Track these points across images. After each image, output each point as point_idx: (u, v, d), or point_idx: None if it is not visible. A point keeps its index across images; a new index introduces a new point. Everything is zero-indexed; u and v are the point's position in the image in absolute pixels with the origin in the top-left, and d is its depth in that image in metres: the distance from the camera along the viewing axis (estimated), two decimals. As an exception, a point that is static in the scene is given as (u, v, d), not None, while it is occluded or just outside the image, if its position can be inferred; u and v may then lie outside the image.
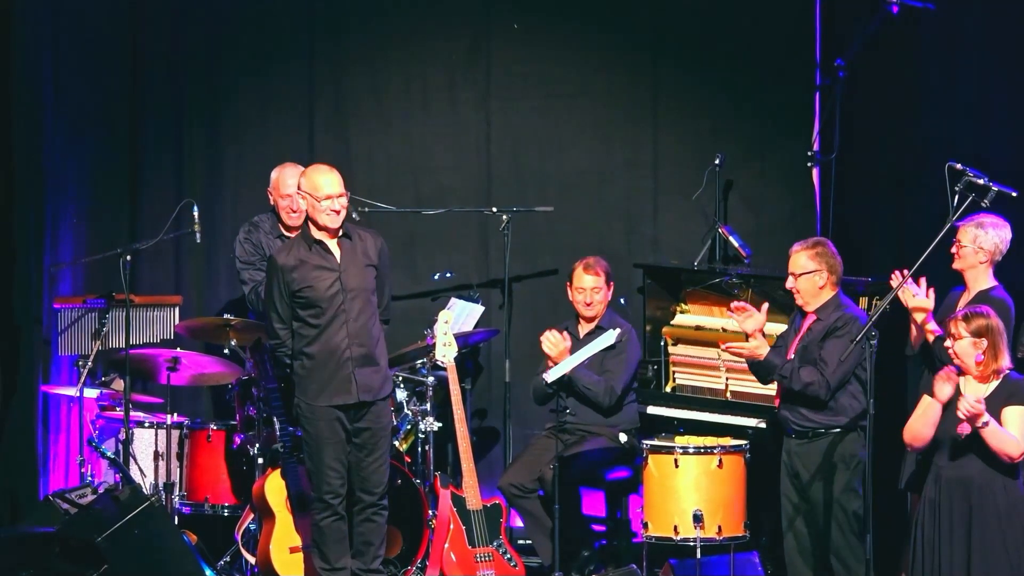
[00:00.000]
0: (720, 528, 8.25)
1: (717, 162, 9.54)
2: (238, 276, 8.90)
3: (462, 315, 9.45)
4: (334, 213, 7.70)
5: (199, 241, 8.80)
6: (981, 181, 7.23)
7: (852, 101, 9.27)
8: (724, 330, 9.14)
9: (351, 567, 7.85)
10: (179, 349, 8.86)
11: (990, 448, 6.77)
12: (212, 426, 8.98)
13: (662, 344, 9.36)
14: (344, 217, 7.78)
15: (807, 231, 9.56)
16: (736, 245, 9.49)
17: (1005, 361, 6.91)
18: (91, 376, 9.00)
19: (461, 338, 8.88)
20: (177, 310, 9.39)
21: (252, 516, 8.49)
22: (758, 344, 7.72)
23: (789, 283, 7.80)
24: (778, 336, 7.98)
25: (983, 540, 6.83)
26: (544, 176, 10.01)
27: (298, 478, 8.15)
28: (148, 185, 9.95)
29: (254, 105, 10.03)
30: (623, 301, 9.41)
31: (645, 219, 9.96)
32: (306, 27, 10.03)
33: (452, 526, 8.46)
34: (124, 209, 9.92)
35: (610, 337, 8.57)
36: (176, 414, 8.99)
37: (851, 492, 7.57)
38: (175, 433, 8.94)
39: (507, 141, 10.03)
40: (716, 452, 8.31)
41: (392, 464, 8.05)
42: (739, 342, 7.80)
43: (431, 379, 8.93)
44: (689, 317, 9.42)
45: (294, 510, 8.18)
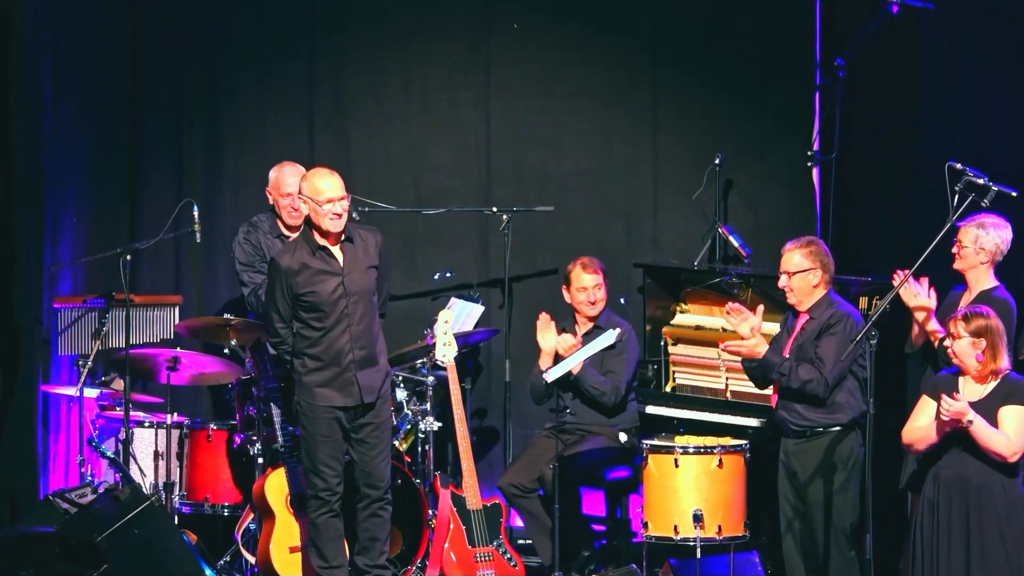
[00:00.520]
0: (720, 528, 8.25)
1: (717, 162, 9.54)
2: (237, 278, 8.89)
3: (462, 315, 9.45)
4: (336, 217, 7.71)
5: (199, 241, 8.80)
6: (981, 181, 7.23)
7: (852, 101, 9.27)
8: (724, 330, 9.13)
9: (358, 563, 7.86)
10: (179, 349, 8.86)
11: (981, 448, 6.78)
12: (212, 426, 8.98)
13: (662, 344, 9.36)
14: (346, 220, 7.79)
15: (807, 231, 9.55)
16: (736, 245, 9.49)
17: (1004, 362, 6.91)
18: (91, 376, 9.00)
19: (461, 338, 8.88)
20: (177, 310, 9.39)
21: (252, 516, 8.49)
22: (756, 342, 7.73)
23: (782, 281, 7.81)
24: (772, 338, 7.97)
25: (982, 540, 6.83)
26: (544, 176, 10.01)
27: (299, 478, 8.15)
28: (148, 185, 9.95)
29: (254, 105, 10.03)
30: (623, 301, 9.41)
31: (645, 219, 9.96)
32: (306, 27, 10.03)
33: (452, 526, 8.46)
34: (124, 209, 9.92)
35: (610, 337, 8.57)
36: (176, 414, 8.98)
37: (846, 493, 7.56)
38: (175, 433, 8.94)
39: (507, 141, 10.03)
40: (716, 452, 8.31)
41: (392, 464, 8.05)
42: (737, 340, 7.81)
43: (431, 379, 8.93)
44: (689, 317, 9.42)
45: (295, 510, 8.18)
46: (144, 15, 9.91)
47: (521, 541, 9.12)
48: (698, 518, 8.21)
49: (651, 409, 9.11)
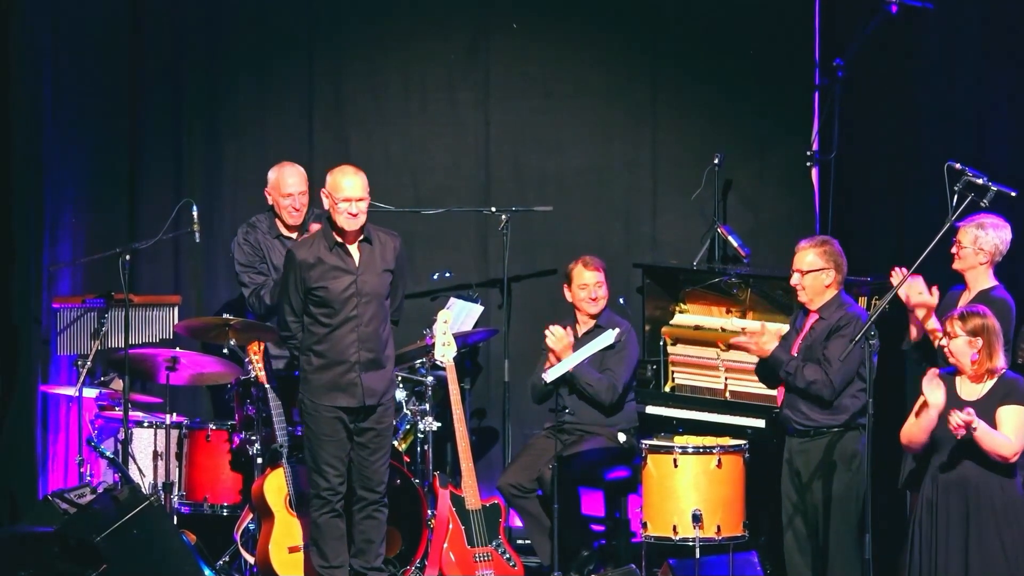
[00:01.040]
0: (719, 528, 8.25)
1: (716, 162, 9.54)
2: (237, 279, 8.89)
3: (461, 315, 9.45)
4: (351, 216, 7.73)
5: (198, 241, 8.80)
6: (980, 181, 7.23)
7: (851, 101, 9.27)
8: (723, 330, 9.14)
9: (353, 566, 7.86)
10: (178, 349, 8.86)
11: (984, 450, 6.78)
12: (211, 426, 8.97)
13: (661, 344, 9.36)
14: (364, 221, 7.80)
15: (806, 231, 9.56)
16: (735, 245, 9.49)
17: (1000, 361, 6.91)
18: (90, 376, 9.00)
19: (460, 338, 8.89)
20: (176, 310, 9.39)
21: (251, 516, 8.49)
22: (766, 339, 7.71)
23: (794, 279, 7.77)
24: (781, 337, 7.96)
25: (980, 540, 6.83)
26: (543, 176, 10.01)
27: (298, 478, 8.15)
28: (147, 185, 9.94)
29: (253, 104, 10.03)
30: (622, 301, 9.41)
31: (644, 219, 9.96)
32: (305, 27, 10.03)
33: (451, 526, 8.45)
34: (123, 209, 9.92)
35: (610, 336, 8.57)
36: (175, 414, 8.98)
37: (851, 493, 7.55)
38: (174, 433, 8.94)
39: (506, 140, 10.03)
40: (715, 452, 8.31)
41: (391, 464, 8.05)
42: (744, 337, 7.77)
43: (430, 379, 8.93)
44: (688, 317, 9.42)
45: (294, 510, 8.18)
46: (143, 15, 9.91)
47: (520, 541, 9.12)
48: (697, 518, 8.21)
49: (650, 409, 9.11)
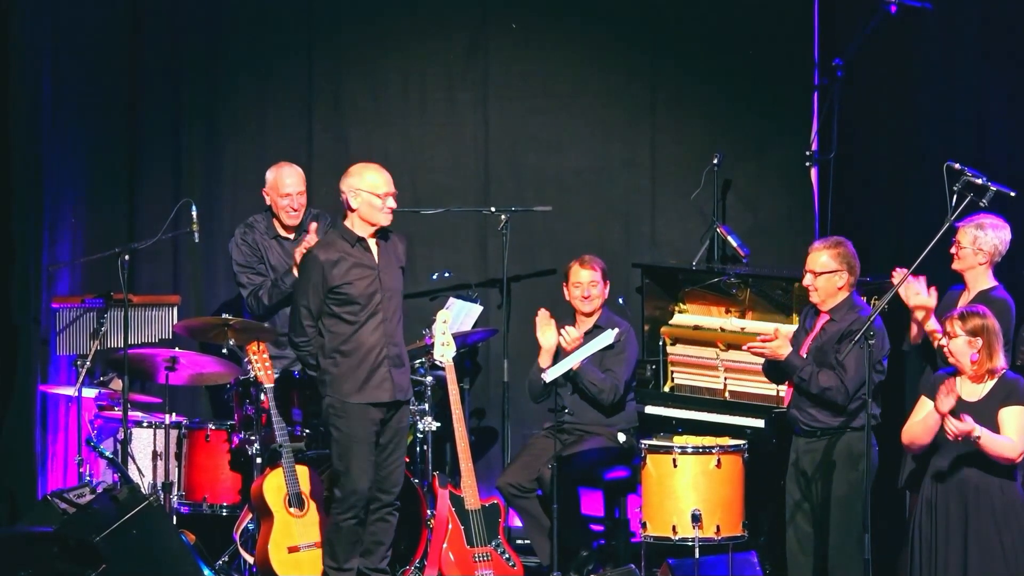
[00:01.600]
0: (718, 528, 8.25)
1: (715, 161, 9.54)
2: (235, 279, 8.89)
3: (460, 315, 9.45)
4: (390, 211, 7.80)
5: (197, 241, 8.80)
6: (979, 181, 7.23)
7: (850, 101, 9.27)
8: (722, 329, 9.15)
9: (359, 566, 7.84)
10: (177, 349, 8.85)
11: (988, 455, 6.77)
12: (210, 426, 8.97)
13: (660, 344, 9.36)
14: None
15: (805, 231, 9.58)
16: (734, 245, 9.49)
17: (1000, 361, 6.91)
18: (89, 376, 9.00)
19: (459, 338, 8.89)
20: (175, 310, 9.39)
21: (250, 516, 8.49)
22: (779, 344, 7.69)
23: (807, 280, 7.75)
24: (790, 336, 7.94)
25: (980, 541, 6.83)
26: (542, 176, 10.01)
27: (296, 479, 8.16)
28: (146, 184, 9.95)
29: (252, 104, 10.04)
30: (621, 301, 9.41)
31: (643, 219, 9.96)
32: (305, 27, 10.03)
33: (450, 526, 8.45)
34: (122, 208, 9.92)
35: (609, 336, 8.58)
36: (174, 414, 8.97)
37: (857, 496, 7.53)
38: (173, 433, 8.93)
39: (505, 140, 10.04)
40: (714, 452, 8.31)
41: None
42: (760, 342, 7.75)
43: (429, 379, 8.93)
44: (687, 317, 9.42)
45: (293, 510, 8.19)
46: (143, 15, 9.91)
47: (519, 541, 9.11)
48: (696, 518, 8.21)
49: (649, 409, 9.11)
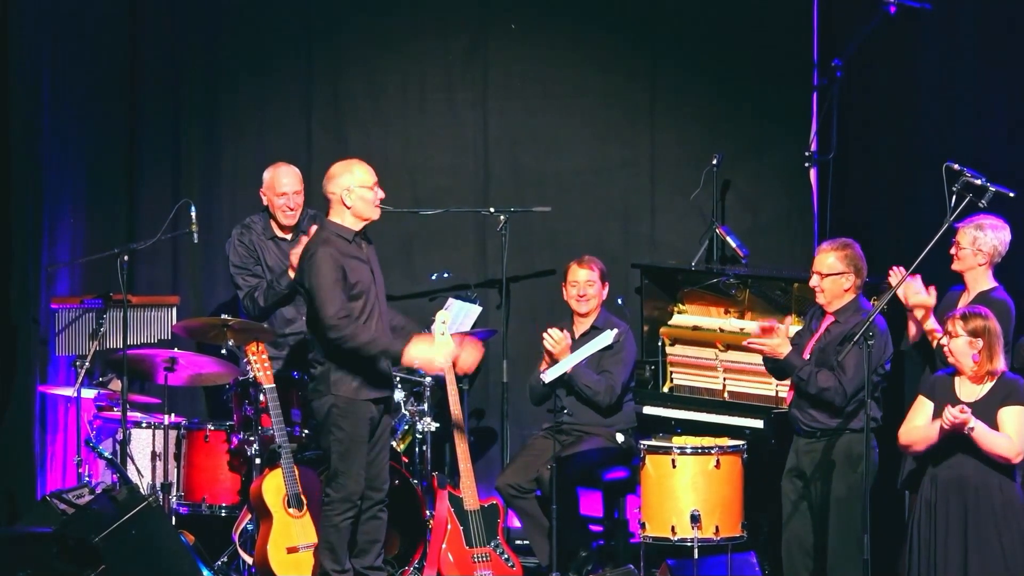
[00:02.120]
0: (717, 528, 8.25)
1: (715, 162, 9.54)
2: (232, 281, 8.89)
3: (460, 315, 9.45)
4: (379, 203, 7.82)
5: (196, 241, 8.80)
6: (979, 181, 7.24)
7: (850, 101, 9.27)
8: (721, 330, 9.15)
9: (355, 566, 7.82)
10: (176, 349, 8.85)
11: (984, 451, 6.78)
12: (209, 426, 8.97)
13: (659, 344, 9.37)
14: None
15: (805, 231, 9.59)
16: (734, 245, 9.50)
17: (1000, 363, 6.92)
18: (88, 376, 9.00)
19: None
20: (174, 310, 9.39)
21: (249, 516, 8.49)
22: (779, 342, 7.70)
23: (813, 281, 7.75)
24: (794, 335, 7.95)
25: (979, 541, 6.84)
26: (541, 176, 10.02)
27: (295, 479, 8.16)
28: (145, 185, 9.95)
29: (251, 105, 10.04)
30: (620, 301, 9.41)
31: (643, 219, 9.97)
32: (304, 27, 10.03)
33: (449, 526, 8.46)
34: (121, 209, 9.92)
35: (607, 337, 8.58)
36: (173, 414, 8.97)
37: (856, 498, 7.53)
38: (172, 433, 8.93)
39: (505, 141, 10.04)
40: (713, 452, 8.31)
41: (390, 464, 8.04)
42: (761, 338, 7.76)
43: (429, 379, 8.93)
44: (686, 317, 9.42)
45: (292, 510, 8.19)
46: (142, 15, 9.91)
47: (519, 541, 9.12)
48: (695, 519, 8.21)
49: (648, 410, 9.11)
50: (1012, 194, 7.39)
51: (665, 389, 9.34)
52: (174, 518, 8.80)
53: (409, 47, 10.03)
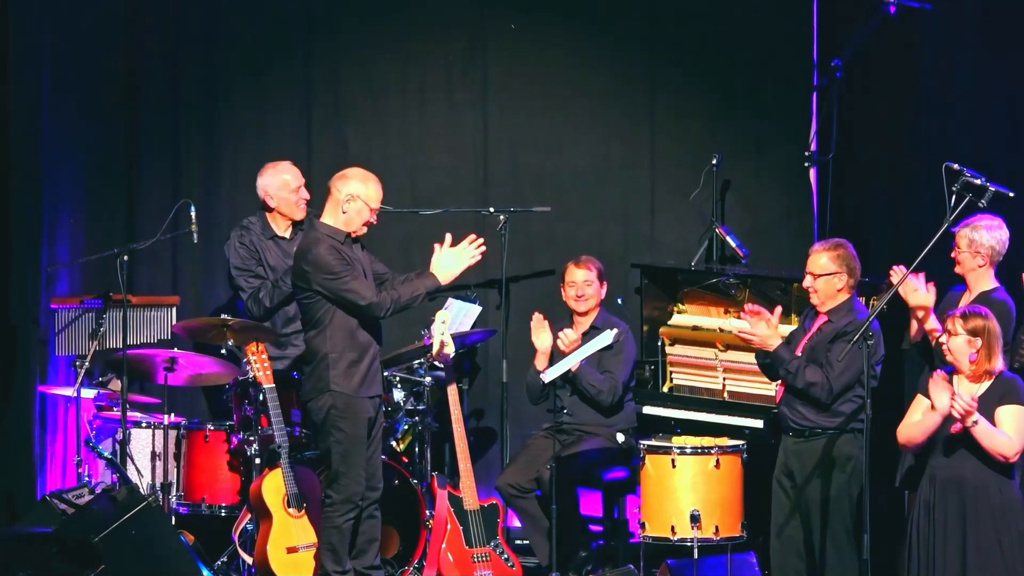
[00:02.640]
0: (717, 528, 8.25)
1: (714, 162, 9.54)
2: (233, 282, 8.88)
3: (459, 315, 9.45)
4: (366, 227, 7.86)
5: (196, 241, 8.81)
6: (978, 181, 7.23)
7: (849, 101, 9.27)
8: (721, 330, 9.15)
9: (356, 567, 7.82)
10: (176, 349, 8.86)
11: (984, 448, 6.78)
12: (209, 426, 8.97)
13: (659, 344, 9.37)
14: None
15: (804, 231, 9.58)
16: (733, 245, 9.50)
17: (998, 363, 6.92)
18: (88, 376, 9.00)
19: (458, 338, 8.89)
20: (174, 310, 9.39)
21: (249, 516, 8.49)
22: (770, 334, 7.70)
23: (807, 282, 7.76)
24: (788, 335, 7.95)
25: (978, 540, 6.83)
26: (541, 176, 10.02)
27: (294, 479, 8.16)
28: (145, 185, 9.94)
29: (251, 105, 10.03)
30: (620, 301, 9.41)
31: (642, 219, 9.97)
32: (303, 27, 10.03)
33: (449, 526, 8.46)
34: (121, 209, 9.92)
35: (607, 337, 8.58)
36: (173, 414, 8.97)
37: (846, 496, 7.54)
38: (172, 433, 8.93)
39: (504, 141, 10.04)
40: (713, 452, 8.31)
41: (389, 464, 8.04)
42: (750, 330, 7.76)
43: (428, 379, 8.93)
44: (686, 317, 9.42)
45: (292, 510, 8.19)
46: (141, 16, 9.91)
47: (518, 541, 9.12)
48: (695, 518, 8.21)
49: (648, 409, 9.11)
50: (1012, 194, 7.39)
51: (665, 389, 9.34)
52: (174, 518, 8.80)
53: (409, 47, 10.03)
